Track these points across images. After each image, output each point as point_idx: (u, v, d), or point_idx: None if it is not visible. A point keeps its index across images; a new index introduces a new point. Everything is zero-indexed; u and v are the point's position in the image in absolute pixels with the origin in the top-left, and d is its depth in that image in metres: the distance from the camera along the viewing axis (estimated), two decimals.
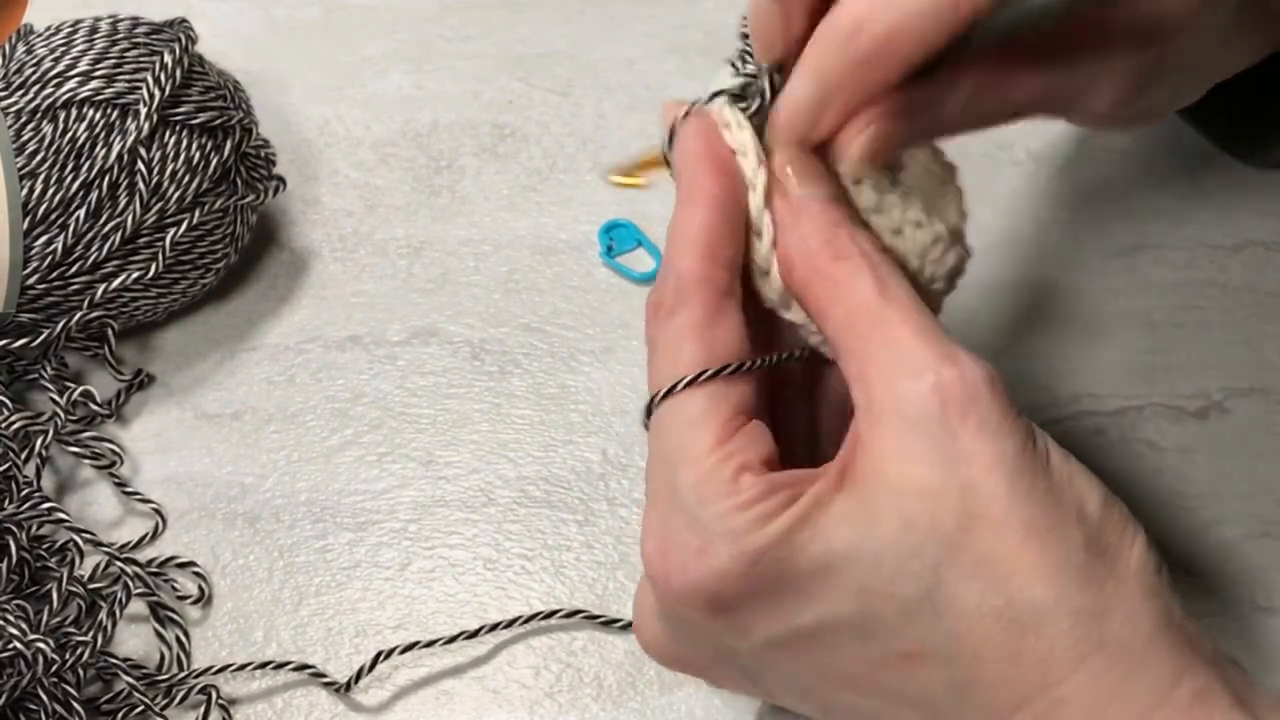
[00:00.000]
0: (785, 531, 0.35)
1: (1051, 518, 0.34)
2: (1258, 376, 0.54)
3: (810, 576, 0.35)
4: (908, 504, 0.34)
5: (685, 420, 0.37)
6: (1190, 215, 0.58)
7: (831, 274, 0.37)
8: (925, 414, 0.34)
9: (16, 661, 0.45)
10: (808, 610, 0.35)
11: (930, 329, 0.35)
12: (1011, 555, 0.34)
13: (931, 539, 0.34)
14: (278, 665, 0.48)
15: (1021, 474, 0.34)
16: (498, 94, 0.63)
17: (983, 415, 0.34)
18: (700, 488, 0.35)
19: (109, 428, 0.55)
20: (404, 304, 0.57)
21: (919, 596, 0.34)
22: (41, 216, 0.51)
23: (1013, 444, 0.34)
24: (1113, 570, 0.34)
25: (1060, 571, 0.34)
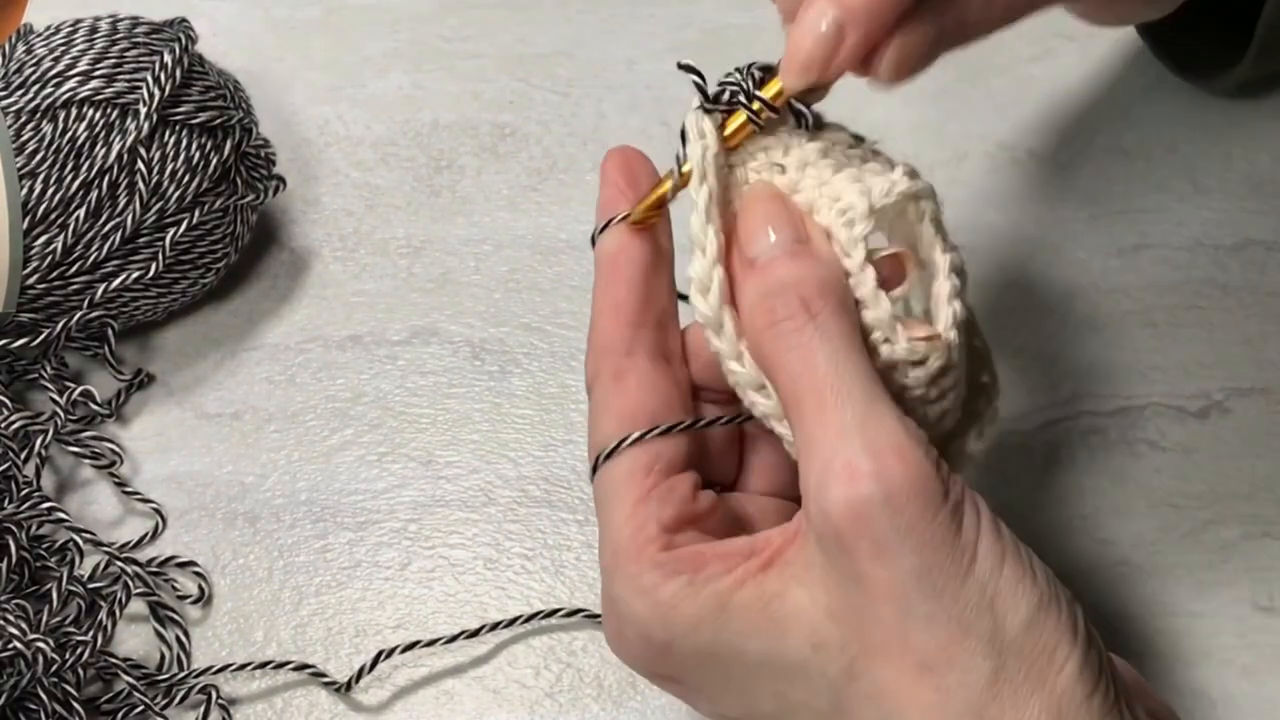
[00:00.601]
0: (691, 626, 0.35)
1: (951, 651, 0.33)
2: (1258, 376, 0.54)
3: (727, 672, 0.35)
4: (818, 625, 0.34)
5: (606, 491, 0.37)
6: (1190, 215, 0.58)
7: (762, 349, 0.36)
8: (825, 534, 0.33)
9: (16, 661, 0.45)
10: (732, 701, 0.36)
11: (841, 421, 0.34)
12: (904, 692, 0.33)
13: (836, 662, 0.34)
14: (278, 665, 0.48)
15: (920, 602, 0.33)
16: (498, 94, 0.63)
17: (876, 538, 0.33)
18: (611, 565, 0.36)
19: (109, 427, 0.55)
20: (404, 304, 0.57)
21: (827, 710, 0.34)
22: (41, 216, 0.51)
23: (912, 566, 0.32)
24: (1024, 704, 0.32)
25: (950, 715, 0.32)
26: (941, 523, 0.33)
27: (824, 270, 0.36)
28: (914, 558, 0.33)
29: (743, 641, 0.34)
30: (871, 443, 0.33)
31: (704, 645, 0.35)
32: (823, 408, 0.34)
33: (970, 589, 0.33)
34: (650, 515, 0.36)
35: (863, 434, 0.33)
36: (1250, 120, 0.60)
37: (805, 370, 0.35)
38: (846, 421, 0.34)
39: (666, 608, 0.35)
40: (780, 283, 0.36)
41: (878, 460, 0.33)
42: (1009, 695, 0.32)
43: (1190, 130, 0.60)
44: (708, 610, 0.34)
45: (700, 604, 0.34)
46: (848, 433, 0.33)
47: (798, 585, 0.34)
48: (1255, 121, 0.60)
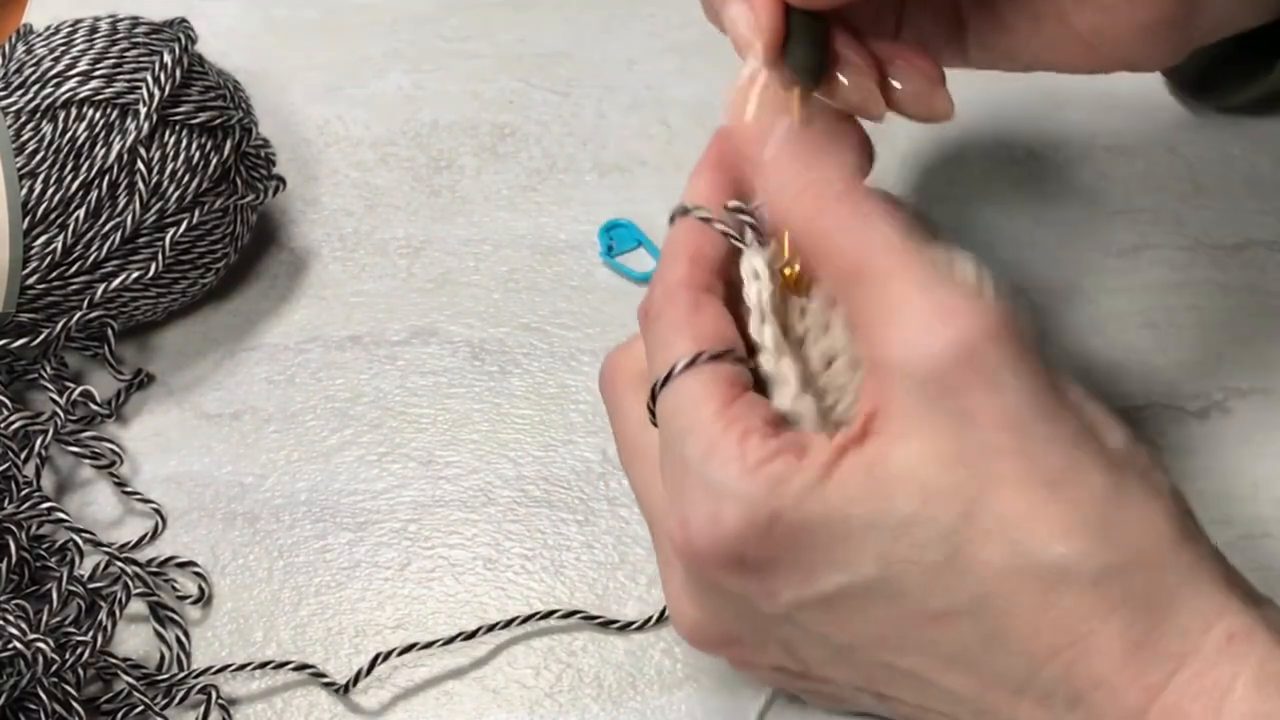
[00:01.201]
0: (798, 498, 0.35)
1: (1072, 468, 0.34)
2: (1258, 376, 0.53)
3: (829, 542, 0.35)
4: (923, 473, 0.34)
5: (686, 399, 0.37)
6: (1190, 215, 0.58)
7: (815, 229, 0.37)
8: (927, 378, 0.34)
9: (16, 661, 0.45)
10: (831, 574, 0.36)
11: (924, 279, 0.35)
12: (1031, 514, 0.34)
13: (950, 507, 0.34)
14: (278, 665, 0.48)
15: (1035, 424, 0.34)
16: (498, 94, 0.63)
17: (985, 370, 0.34)
18: (708, 454, 0.36)
19: (109, 427, 0.55)
20: (404, 304, 0.57)
21: (942, 561, 0.34)
22: (41, 216, 0.51)
23: (1025, 394, 0.34)
24: (1142, 516, 0.34)
25: (1084, 525, 0.34)
26: (1037, 356, 0.35)
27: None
28: (1024, 384, 0.34)
29: (848, 507, 0.35)
30: (959, 288, 0.35)
31: (810, 517, 0.35)
32: (896, 270, 0.35)
33: (1073, 414, 0.35)
34: (744, 413, 0.36)
35: (943, 280, 0.35)
36: (1250, 120, 0.60)
37: (872, 238, 0.36)
38: (928, 274, 0.35)
39: (775, 480, 0.35)
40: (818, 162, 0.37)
41: (971, 301, 0.34)
42: (1130, 503, 0.34)
43: (1190, 130, 0.60)
44: (814, 480, 0.35)
45: (807, 476, 0.35)
46: (933, 283, 0.35)
47: (899, 443, 0.35)
48: (1255, 122, 0.60)
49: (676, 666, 0.48)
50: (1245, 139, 0.59)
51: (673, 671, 0.48)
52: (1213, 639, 0.34)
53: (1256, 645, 0.34)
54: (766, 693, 0.47)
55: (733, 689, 0.48)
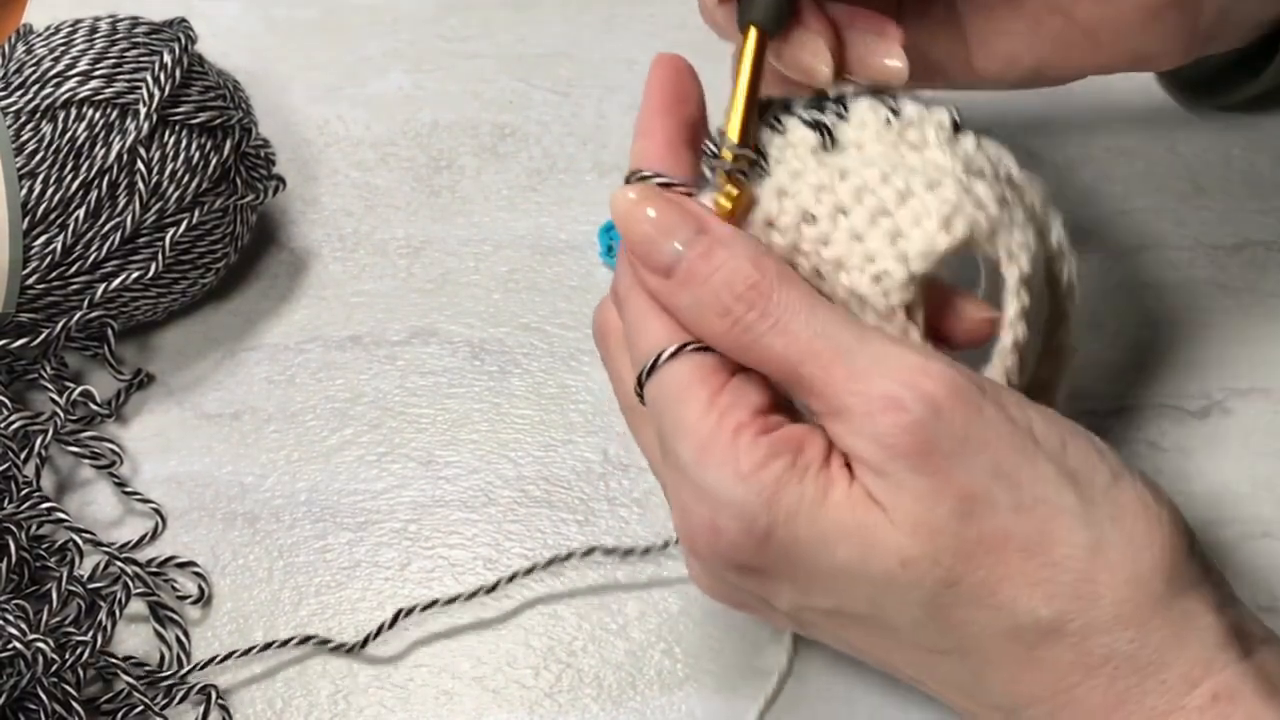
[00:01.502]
0: (790, 515, 0.34)
1: (1048, 528, 0.34)
2: (1258, 376, 0.54)
3: (820, 571, 0.35)
4: (903, 543, 0.34)
5: (672, 393, 0.36)
6: (1190, 215, 0.58)
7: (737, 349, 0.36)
8: (887, 465, 0.34)
9: (16, 661, 0.45)
10: (826, 597, 0.36)
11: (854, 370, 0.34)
12: (1012, 578, 0.34)
13: (930, 574, 0.34)
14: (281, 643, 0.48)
15: (1005, 492, 0.34)
16: (498, 94, 0.63)
17: (942, 450, 0.34)
18: (700, 456, 0.35)
19: (109, 427, 0.55)
20: (404, 304, 0.57)
21: (925, 617, 0.35)
22: (41, 216, 0.51)
23: (987, 462, 0.34)
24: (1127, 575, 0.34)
25: (1064, 587, 0.33)
26: (992, 417, 0.34)
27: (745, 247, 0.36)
28: (982, 455, 0.34)
29: (836, 543, 0.34)
30: (893, 373, 0.34)
31: (801, 537, 0.34)
32: (829, 367, 0.34)
33: (1045, 469, 0.34)
34: (735, 402, 0.35)
35: (881, 370, 0.34)
36: (1250, 120, 0.60)
37: (792, 347, 0.35)
38: (859, 367, 0.34)
39: (771, 490, 0.34)
40: (719, 283, 0.36)
41: (909, 385, 0.34)
42: (1115, 559, 0.34)
43: (1190, 130, 0.60)
44: (810, 499, 0.34)
45: (803, 490, 0.34)
46: (866, 375, 0.34)
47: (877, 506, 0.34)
48: (1255, 122, 0.60)
49: (676, 666, 0.48)
50: (1245, 139, 0.59)
51: (673, 671, 0.48)
52: (1197, 698, 0.33)
53: (1241, 704, 0.33)
54: (767, 692, 0.47)
55: (733, 689, 0.48)
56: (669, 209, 0.37)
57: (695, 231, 0.37)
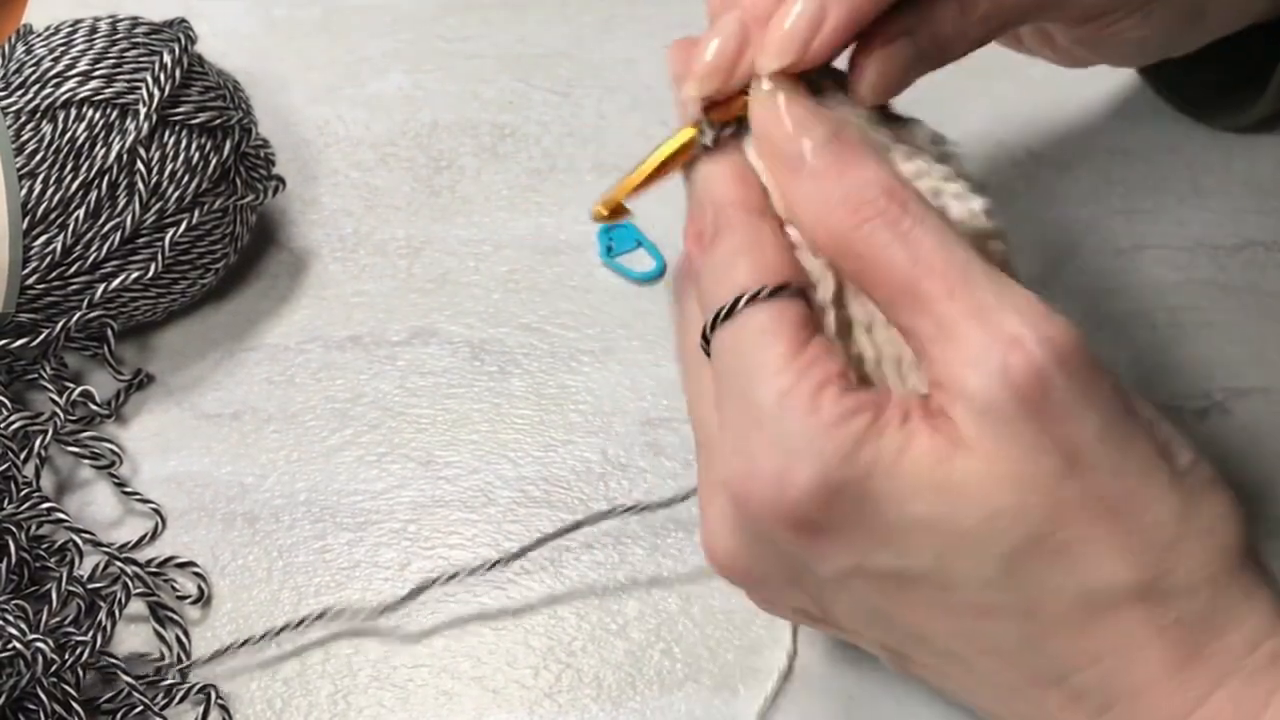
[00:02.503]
0: (869, 469, 0.33)
1: (1140, 496, 0.34)
2: (1258, 376, 0.54)
3: (890, 526, 0.34)
4: (992, 494, 0.33)
5: (753, 336, 0.35)
6: (1190, 215, 0.58)
7: (854, 250, 0.35)
8: (1001, 407, 0.33)
9: (16, 661, 0.45)
10: (887, 555, 0.35)
11: (981, 304, 0.33)
12: (1096, 541, 0.33)
13: (1015, 529, 0.33)
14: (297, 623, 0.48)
15: (1108, 453, 0.33)
16: (498, 94, 0.63)
17: (1060, 400, 0.33)
18: (781, 403, 0.34)
19: (108, 428, 0.55)
20: (404, 304, 0.57)
21: (998, 572, 0.34)
22: (41, 216, 0.51)
23: (1095, 422, 0.33)
24: (1202, 541, 0.34)
25: (1145, 554, 0.34)
26: (1103, 380, 0.34)
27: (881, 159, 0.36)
28: (1095, 414, 0.33)
29: (913, 496, 0.34)
30: (1021, 312, 0.33)
31: (877, 492, 0.34)
32: (952, 291, 0.33)
33: (1144, 440, 0.34)
34: (819, 359, 0.34)
35: (1007, 306, 0.33)
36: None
37: (918, 258, 0.34)
38: (984, 298, 0.33)
39: (852, 444, 0.33)
40: (852, 181, 0.35)
41: (1036, 328, 0.33)
42: (1191, 528, 0.34)
43: (1190, 130, 0.60)
44: (889, 453, 0.34)
45: (883, 444, 0.34)
46: (994, 309, 0.33)
47: (966, 456, 0.33)
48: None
49: (676, 666, 0.48)
50: (1245, 139, 0.59)
51: (673, 671, 0.48)
52: (1257, 658, 0.34)
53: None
54: (767, 692, 0.47)
55: (733, 689, 0.48)
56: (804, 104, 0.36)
57: (832, 133, 0.36)
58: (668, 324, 0.56)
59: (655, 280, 0.57)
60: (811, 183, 0.35)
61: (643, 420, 0.54)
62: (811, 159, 0.35)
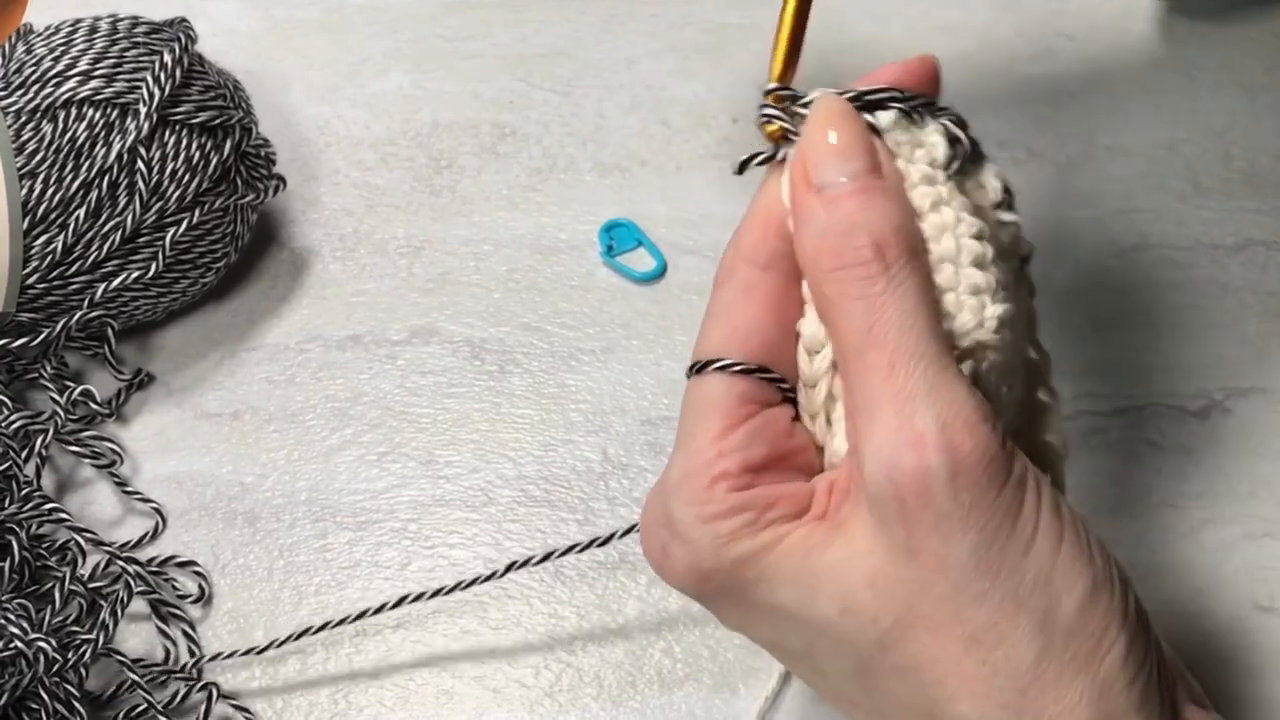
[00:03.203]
0: (736, 563, 0.34)
1: (1001, 628, 0.32)
2: (1258, 376, 0.54)
3: (760, 611, 0.35)
4: (851, 590, 0.33)
5: (701, 402, 0.36)
6: (1190, 215, 0.58)
7: (825, 292, 0.35)
8: (883, 501, 0.33)
9: (18, 661, 0.45)
10: (764, 631, 0.36)
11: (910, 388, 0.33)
12: (946, 664, 0.33)
13: (867, 630, 0.33)
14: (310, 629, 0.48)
15: (975, 578, 0.32)
16: (498, 94, 0.63)
17: (938, 511, 0.32)
18: (680, 485, 0.35)
19: (109, 427, 0.55)
20: (404, 304, 0.57)
21: (851, 671, 0.34)
22: (41, 216, 0.51)
23: (971, 543, 0.32)
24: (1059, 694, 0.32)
25: (991, 692, 0.32)
26: (1004, 501, 0.32)
27: (900, 213, 0.35)
28: (974, 535, 0.32)
29: (777, 586, 0.34)
30: (942, 413, 0.32)
31: (745, 581, 0.35)
32: (891, 367, 0.33)
33: (1027, 568, 0.32)
34: (738, 447, 0.35)
35: (932, 402, 0.32)
36: (1250, 120, 0.60)
37: (874, 324, 0.33)
38: (916, 386, 0.33)
39: (723, 541, 0.34)
40: (852, 222, 0.34)
41: (946, 433, 0.32)
42: (1053, 675, 0.32)
43: (1190, 130, 0.60)
44: (759, 548, 0.34)
45: (755, 542, 0.34)
46: (916, 398, 0.32)
47: (843, 543, 0.33)
48: (1255, 121, 0.60)
49: (676, 666, 0.48)
50: (1245, 139, 0.59)
51: (673, 671, 0.48)
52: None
53: None
54: (767, 692, 0.47)
55: (733, 688, 0.48)
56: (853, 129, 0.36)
57: (868, 164, 0.35)
58: (668, 323, 0.56)
59: (655, 280, 0.57)
60: (820, 211, 0.35)
61: (643, 420, 0.54)
62: (833, 189, 0.35)
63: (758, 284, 0.36)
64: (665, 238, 0.58)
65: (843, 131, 0.36)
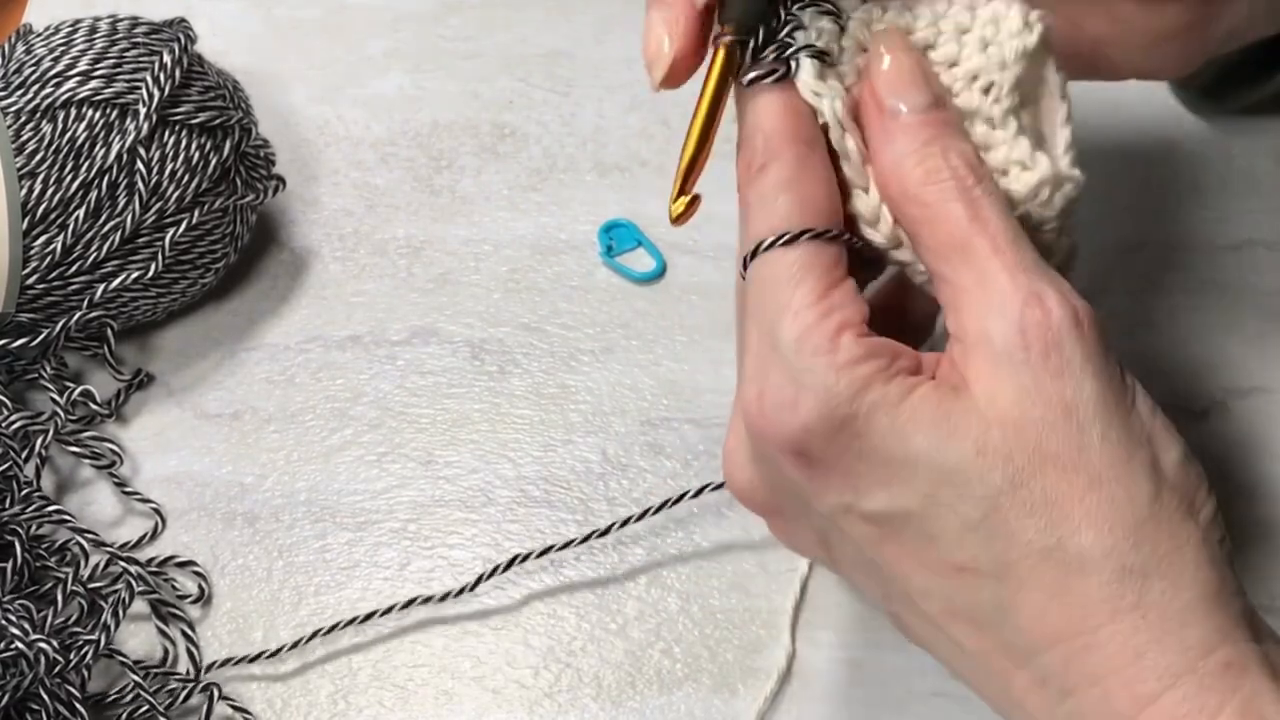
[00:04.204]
0: (874, 407, 0.35)
1: (1119, 469, 0.35)
2: (1258, 376, 0.54)
3: (885, 461, 0.36)
4: (986, 430, 0.35)
5: (785, 273, 0.37)
6: (1190, 215, 0.58)
7: (922, 198, 0.37)
8: (1011, 352, 0.35)
9: (19, 662, 0.45)
10: (878, 493, 0.36)
11: (1020, 263, 0.36)
12: (1072, 500, 0.35)
13: (1000, 469, 0.35)
14: (385, 610, 0.48)
15: (1098, 420, 0.35)
16: (498, 94, 0.63)
17: (1065, 358, 0.35)
18: (801, 341, 0.36)
19: (109, 427, 0.55)
20: (404, 304, 0.57)
21: (978, 518, 0.35)
22: (41, 216, 0.51)
23: (1092, 389, 0.35)
24: (1173, 532, 0.35)
25: (1116, 524, 0.35)
26: (1113, 360, 0.36)
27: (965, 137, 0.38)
28: (1094, 382, 0.35)
29: (912, 432, 0.35)
30: (1052, 279, 0.36)
31: (878, 429, 0.36)
32: (997, 249, 0.36)
33: (1134, 421, 0.36)
34: (844, 303, 0.37)
35: (1042, 271, 0.36)
36: (1250, 121, 0.60)
37: (976, 216, 0.36)
38: (1023, 259, 0.36)
39: (861, 384, 0.35)
40: (944, 143, 0.37)
41: (1062, 293, 0.36)
42: (1165, 517, 0.35)
43: (1190, 130, 0.60)
44: (895, 395, 0.36)
45: (889, 389, 0.36)
46: (1028, 268, 0.36)
47: (970, 396, 0.36)
48: (1255, 122, 0.60)
49: (676, 666, 0.48)
50: (1245, 139, 0.59)
51: (672, 671, 0.48)
52: (1211, 663, 0.34)
53: (1249, 678, 0.34)
54: (767, 692, 0.47)
55: (733, 689, 0.48)
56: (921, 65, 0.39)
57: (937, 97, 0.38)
58: (668, 323, 0.56)
59: (655, 280, 0.57)
60: (902, 135, 0.38)
61: (643, 420, 0.54)
62: (908, 115, 0.38)
63: (811, 159, 0.38)
64: (665, 238, 0.58)
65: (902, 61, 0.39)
